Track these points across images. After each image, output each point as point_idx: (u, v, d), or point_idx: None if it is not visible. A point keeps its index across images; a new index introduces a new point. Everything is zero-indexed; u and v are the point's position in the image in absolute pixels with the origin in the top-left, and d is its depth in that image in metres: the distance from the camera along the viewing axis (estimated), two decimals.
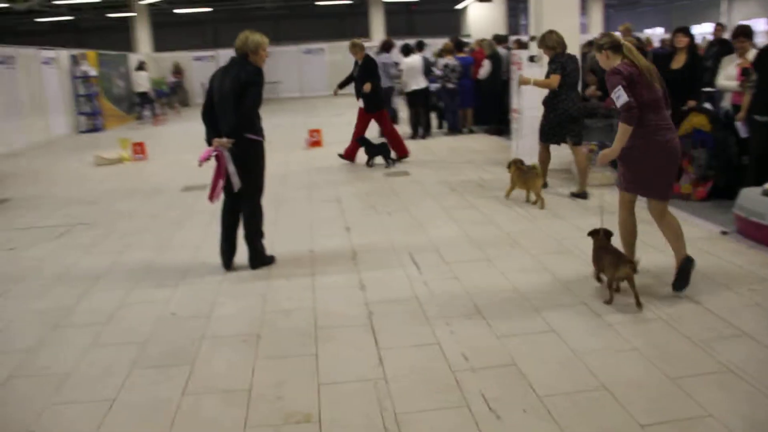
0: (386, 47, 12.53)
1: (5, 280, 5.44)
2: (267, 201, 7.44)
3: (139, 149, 11.80)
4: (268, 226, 6.02)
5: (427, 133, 12.55)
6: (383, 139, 9.86)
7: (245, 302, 4.61)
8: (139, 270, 5.48)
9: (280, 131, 14.28)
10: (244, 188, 5.15)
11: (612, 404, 3.05)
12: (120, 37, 26.02)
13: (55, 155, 13.23)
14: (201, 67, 24.32)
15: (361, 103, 9.59)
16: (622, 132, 4.19)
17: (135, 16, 23.76)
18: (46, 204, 8.42)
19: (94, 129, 17.28)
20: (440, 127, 13.36)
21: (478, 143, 11.42)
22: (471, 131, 12.70)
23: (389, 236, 6.02)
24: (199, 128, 5.27)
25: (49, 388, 3.54)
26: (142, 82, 19.01)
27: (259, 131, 5.10)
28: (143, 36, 24.21)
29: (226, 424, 3.10)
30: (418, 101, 12.33)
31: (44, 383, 3.61)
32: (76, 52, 17.21)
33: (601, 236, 4.46)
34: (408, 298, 4.51)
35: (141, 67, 19.56)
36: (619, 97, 4.13)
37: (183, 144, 13.07)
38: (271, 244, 5.68)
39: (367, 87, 9.35)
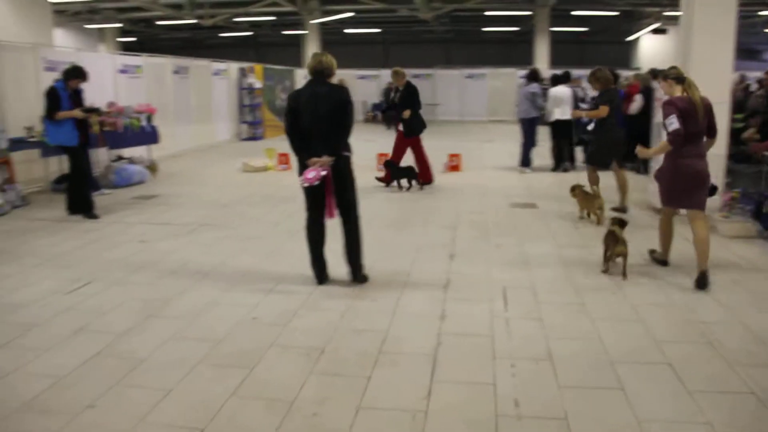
0: (533, 77, 12.28)
1: (128, 268, 5.95)
2: (386, 221, 7.66)
3: (284, 159, 12.45)
4: (378, 245, 6.12)
5: (571, 166, 12.13)
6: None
7: (323, 317, 4.69)
8: (242, 273, 5.76)
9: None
10: (347, 204, 5.28)
11: None
12: (293, 52, 27.66)
13: (212, 159, 14.28)
14: (364, 85, 25.30)
15: (400, 127, 10.03)
16: (662, 147, 5.38)
17: (306, 33, 25.16)
18: (188, 203, 9.11)
19: (254, 137, 18.46)
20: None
21: None
22: None
23: (490, 268, 5.87)
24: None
25: (124, 370, 3.83)
26: None
27: (350, 148, 5.22)
28: (311, 52, 25.55)
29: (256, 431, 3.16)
30: (562, 132, 11.95)
31: (122, 365, 3.90)
32: (245, 65, 18.55)
33: (615, 223, 5.67)
34: (483, 333, 4.36)
35: None
36: (672, 123, 5.10)
37: None
38: (373, 262, 5.74)
39: (406, 113, 9.77)
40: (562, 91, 11.79)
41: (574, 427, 3.16)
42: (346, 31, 28.15)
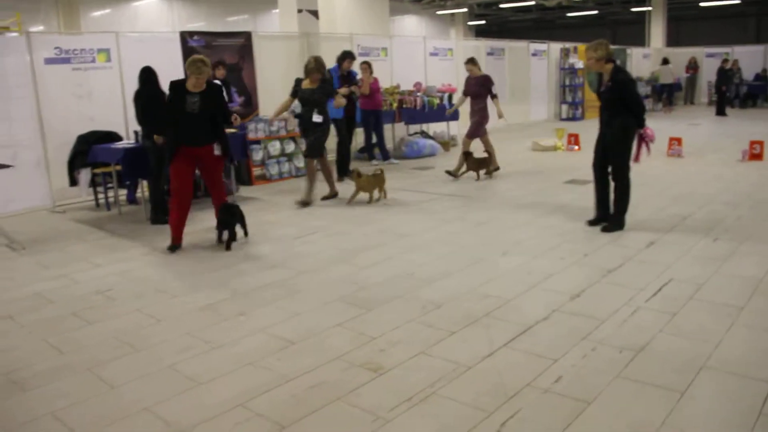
0: None
1: (354, 224, 7.11)
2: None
3: (573, 140, 12.51)
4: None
5: None
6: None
7: (473, 279, 5.11)
8: (439, 240, 6.43)
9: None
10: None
11: None
12: (640, 30, 26.40)
13: (516, 137, 14.87)
14: (712, 64, 23.05)
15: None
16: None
17: (651, 10, 23.81)
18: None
19: (573, 118, 18.48)
20: None
21: None
22: None
23: (677, 261, 5.47)
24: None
25: (279, 296, 4.86)
26: (667, 74, 21.13)
27: None
28: (657, 30, 24.15)
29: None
30: None
31: (280, 293, 4.94)
32: (568, 45, 18.57)
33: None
34: (597, 317, 4.31)
35: (665, 61, 21.42)
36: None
37: None
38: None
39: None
40: None
41: (590, 412, 3.18)
42: (703, 4, 25.70)
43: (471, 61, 9.95)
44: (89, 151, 7.91)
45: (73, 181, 8.25)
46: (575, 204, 7.69)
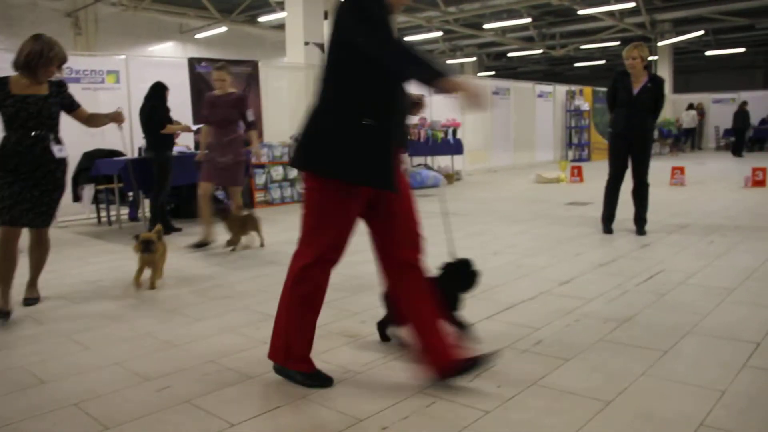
0: None
1: None
2: None
3: (576, 172, 12.53)
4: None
5: None
6: None
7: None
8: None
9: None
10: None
11: None
12: None
13: (519, 173, 14.95)
14: (719, 110, 23.25)
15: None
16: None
17: (656, 59, 24.10)
18: (450, 199, 10.03)
19: (579, 159, 18.53)
20: None
21: None
22: None
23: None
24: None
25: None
26: (688, 120, 22.21)
27: None
28: (663, 76, 24.36)
29: None
30: None
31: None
32: (574, 87, 18.80)
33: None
34: (631, 315, 4.28)
35: (690, 107, 22.47)
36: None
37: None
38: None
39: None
40: None
41: (568, 366, 3.10)
42: (709, 53, 26.02)
43: (224, 68, 6.49)
44: (92, 166, 8.02)
45: (77, 197, 8.34)
46: (572, 219, 7.68)
